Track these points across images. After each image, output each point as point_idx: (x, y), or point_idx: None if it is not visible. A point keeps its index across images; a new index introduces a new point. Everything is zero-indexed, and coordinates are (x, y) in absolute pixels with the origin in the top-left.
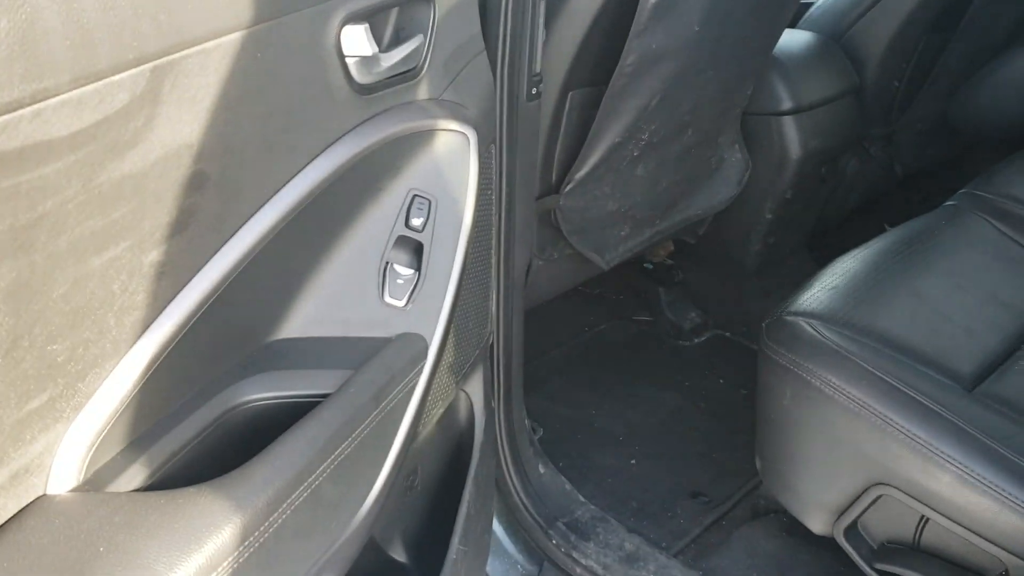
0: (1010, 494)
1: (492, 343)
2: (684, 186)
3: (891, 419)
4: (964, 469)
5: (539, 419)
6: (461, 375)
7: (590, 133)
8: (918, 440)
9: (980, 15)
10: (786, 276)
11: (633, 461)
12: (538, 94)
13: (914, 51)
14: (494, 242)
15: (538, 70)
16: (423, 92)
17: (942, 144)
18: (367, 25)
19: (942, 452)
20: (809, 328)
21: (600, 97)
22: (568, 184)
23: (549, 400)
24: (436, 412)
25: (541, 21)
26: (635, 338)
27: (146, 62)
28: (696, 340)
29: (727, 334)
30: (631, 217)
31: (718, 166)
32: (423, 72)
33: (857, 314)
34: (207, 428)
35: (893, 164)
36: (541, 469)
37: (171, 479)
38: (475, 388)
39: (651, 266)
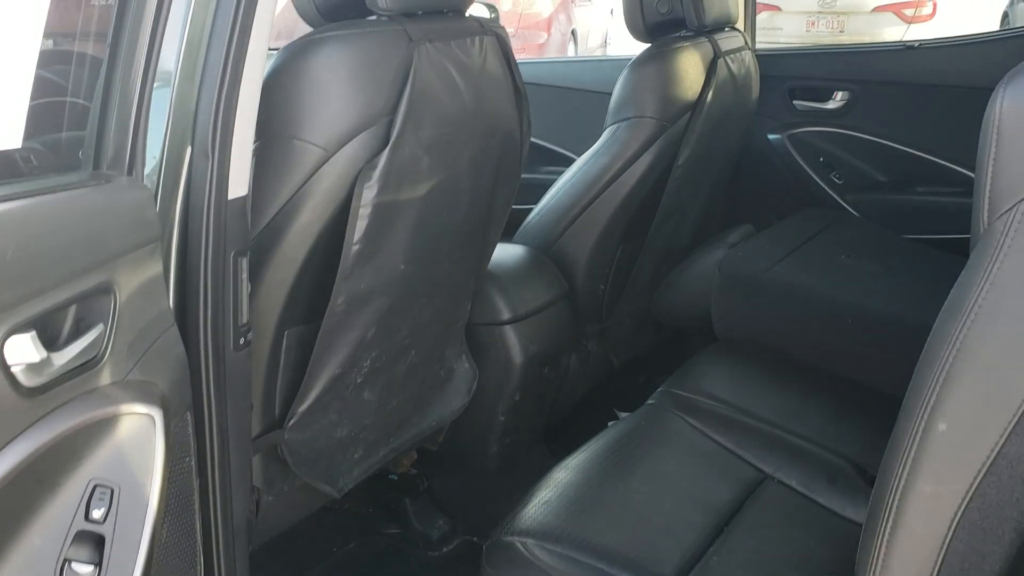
0: None
1: None
2: (415, 402)
3: None
4: None
5: None
6: None
7: (309, 367)
8: None
9: (664, 225)
10: (526, 474)
11: None
12: (247, 343)
13: (613, 258)
14: (198, 501)
15: (245, 320)
16: (105, 378)
17: (651, 334)
18: (33, 332)
19: None
20: (523, 550)
21: (316, 333)
22: (292, 418)
23: None
24: None
25: (245, 276)
26: (385, 554)
27: None
28: (445, 549)
29: (475, 539)
30: (363, 440)
31: (447, 378)
32: (105, 359)
33: (568, 528)
34: None
35: (610, 357)
36: None
37: None
38: None
39: (396, 477)
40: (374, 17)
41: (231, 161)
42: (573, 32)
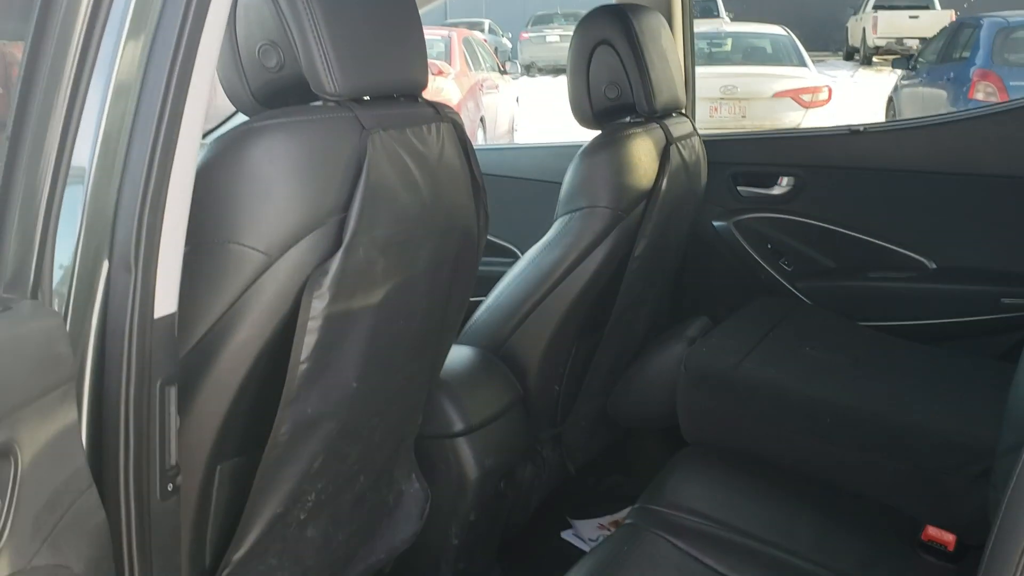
0: None
1: None
2: (363, 533)
3: None
4: None
5: None
6: None
7: (246, 508)
8: None
9: (621, 319)
10: None
11: None
12: (175, 489)
13: (568, 356)
14: None
15: (173, 462)
16: (3, 568)
17: (605, 435)
18: None
19: None
20: None
21: (254, 466)
22: (225, 567)
23: None
24: None
25: (173, 409)
26: None
27: None
28: None
29: None
30: None
31: (397, 502)
32: (2, 543)
33: None
34: None
35: (565, 463)
36: None
37: None
38: None
39: None
40: (319, 103)
41: (157, 274)
42: (482, 119)
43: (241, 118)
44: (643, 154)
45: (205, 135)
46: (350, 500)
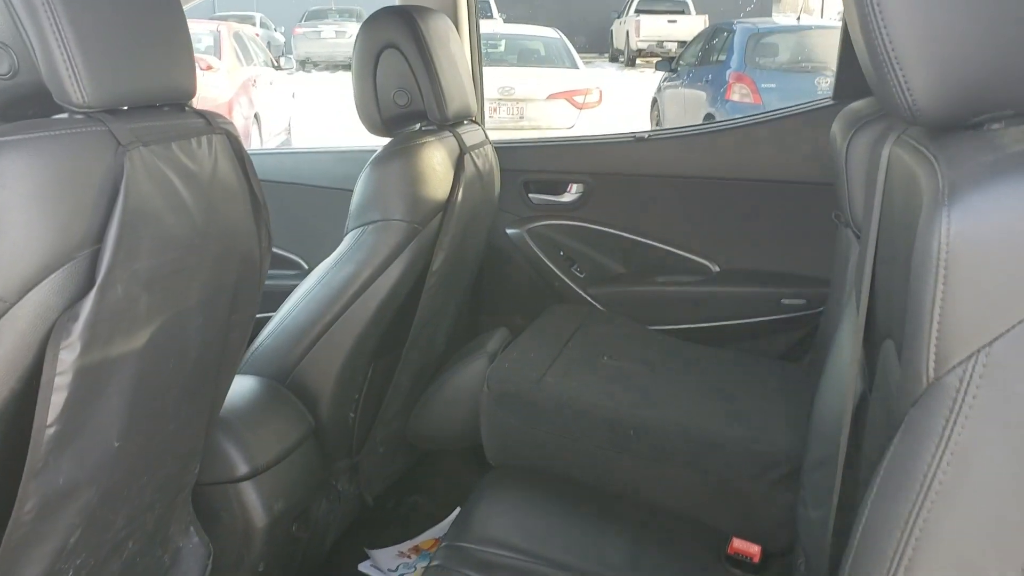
0: None
1: None
2: None
3: None
4: None
5: None
6: None
7: None
8: None
9: (420, 336)
10: None
11: None
12: None
13: (364, 379)
14: None
15: None
16: None
17: (404, 460)
18: None
19: None
20: None
21: None
22: None
23: None
24: None
25: None
26: None
27: None
28: None
29: None
30: None
31: (174, 561)
32: None
33: None
34: None
35: (363, 494)
36: None
37: None
38: None
39: None
40: (65, 115)
41: None
42: (256, 116)
43: None
44: (437, 164)
45: None
46: (118, 569)
